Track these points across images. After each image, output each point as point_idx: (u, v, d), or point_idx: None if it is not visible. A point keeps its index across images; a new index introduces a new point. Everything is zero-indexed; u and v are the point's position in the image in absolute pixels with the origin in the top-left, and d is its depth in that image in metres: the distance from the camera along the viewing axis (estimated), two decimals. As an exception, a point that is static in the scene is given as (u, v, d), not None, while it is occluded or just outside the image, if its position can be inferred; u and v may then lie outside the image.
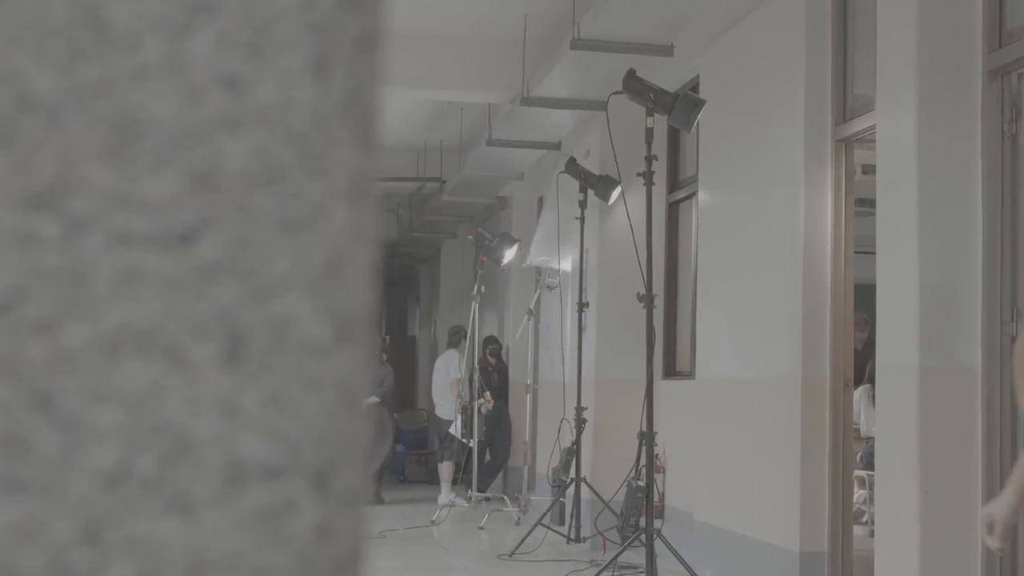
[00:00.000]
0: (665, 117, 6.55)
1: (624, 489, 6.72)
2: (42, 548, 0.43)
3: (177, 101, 0.45)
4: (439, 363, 12.76)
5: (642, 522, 6.23)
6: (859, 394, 8.53)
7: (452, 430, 11.99)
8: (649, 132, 6.47)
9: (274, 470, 0.44)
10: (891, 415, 5.51)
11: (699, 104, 6.55)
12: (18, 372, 0.44)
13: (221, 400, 0.44)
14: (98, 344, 0.44)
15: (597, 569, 6.78)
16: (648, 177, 6.42)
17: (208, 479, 0.44)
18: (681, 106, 6.47)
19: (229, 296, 0.45)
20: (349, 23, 0.46)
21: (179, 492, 0.44)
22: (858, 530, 7.18)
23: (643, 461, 6.41)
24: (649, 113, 6.49)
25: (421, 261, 20.16)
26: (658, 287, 9.13)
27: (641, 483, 6.41)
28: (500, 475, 12.65)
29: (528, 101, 9.15)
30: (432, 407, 13.03)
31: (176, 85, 0.45)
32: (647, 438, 6.41)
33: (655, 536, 6.13)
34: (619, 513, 6.60)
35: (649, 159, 6.43)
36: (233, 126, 0.45)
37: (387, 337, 21.41)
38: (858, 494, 8.38)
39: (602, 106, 7.91)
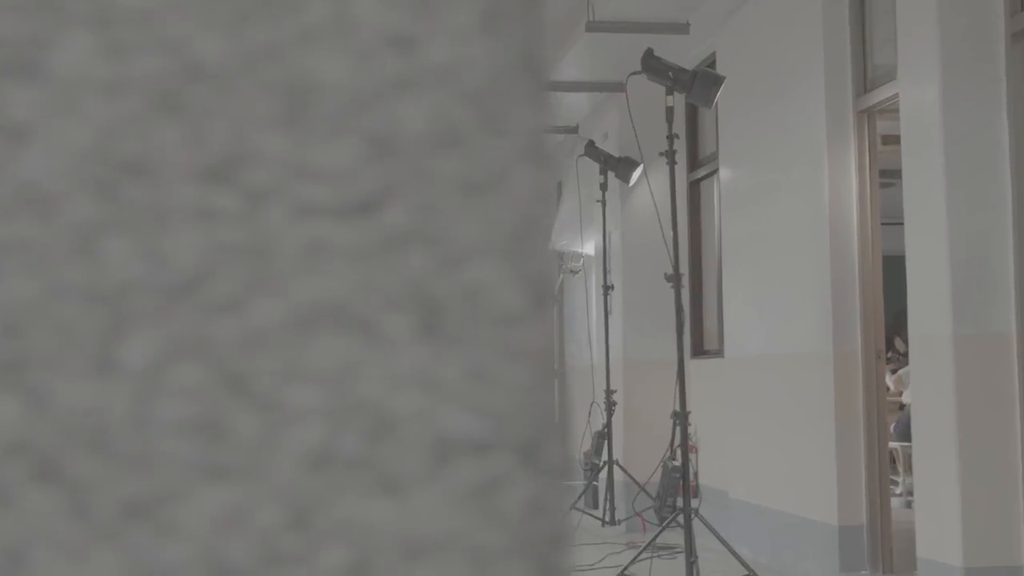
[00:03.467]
0: (684, 95, 6.51)
1: (660, 470, 6.70)
2: (250, 534, 0.41)
3: (348, 63, 0.43)
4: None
5: (679, 502, 6.20)
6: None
7: None
8: (670, 111, 6.42)
9: (481, 444, 0.42)
10: (926, 384, 5.48)
11: (719, 81, 6.50)
12: (209, 353, 0.42)
13: (420, 374, 0.42)
14: (289, 321, 0.42)
15: (634, 551, 6.76)
16: (671, 156, 6.38)
17: (415, 456, 0.42)
18: (700, 83, 6.42)
19: (419, 265, 0.43)
20: (517, -27, 0.44)
21: (386, 471, 0.42)
22: (894, 502, 7.14)
23: (678, 441, 6.38)
24: (669, 92, 6.44)
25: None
26: (683, 266, 9.10)
27: (676, 463, 6.39)
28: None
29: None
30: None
31: (346, 47, 0.43)
32: (681, 418, 6.38)
33: (693, 516, 6.10)
34: (655, 494, 6.57)
35: (671, 138, 6.39)
36: (407, 88, 0.43)
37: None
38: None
39: (619, 87, 7.87)
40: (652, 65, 6.47)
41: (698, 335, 9.34)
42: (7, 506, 0.42)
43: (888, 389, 8.51)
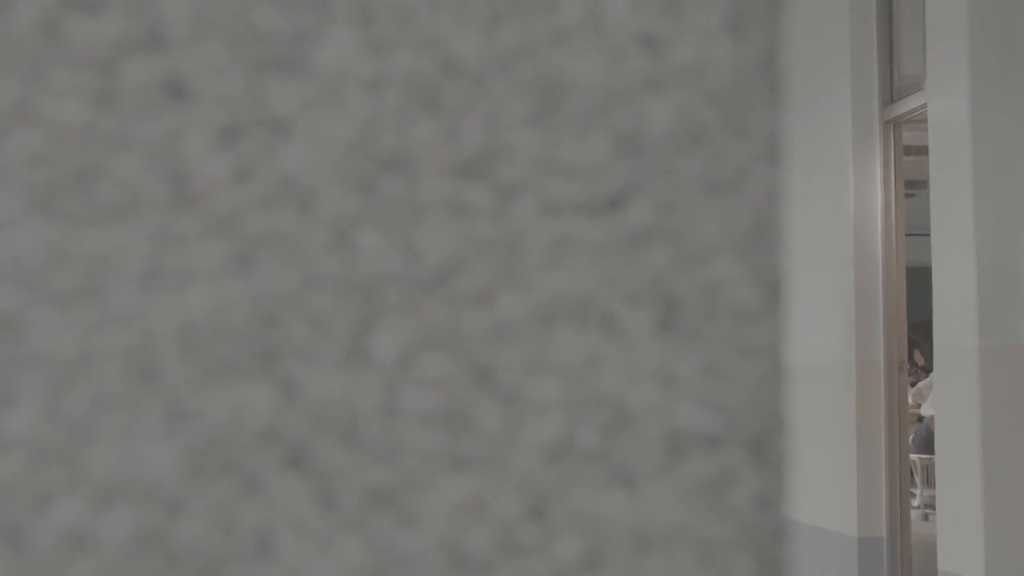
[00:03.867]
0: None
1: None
2: (490, 525, 0.42)
3: (599, 63, 0.44)
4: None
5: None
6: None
7: None
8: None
9: (713, 439, 0.43)
10: (950, 395, 5.47)
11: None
12: (458, 345, 0.42)
13: (657, 369, 0.43)
14: (534, 314, 0.43)
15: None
16: (696, 164, 6.39)
17: (649, 450, 0.43)
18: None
19: (660, 262, 0.43)
20: (762, -21, 0.44)
21: (621, 464, 0.42)
22: (914, 514, 7.14)
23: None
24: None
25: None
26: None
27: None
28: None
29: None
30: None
31: (597, 46, 0.44)
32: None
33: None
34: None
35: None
36: (655, 87, 0.44)
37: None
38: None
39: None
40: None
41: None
42: (257, 492, 0.42)
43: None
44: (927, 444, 8.57)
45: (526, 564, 0.42)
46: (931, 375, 8.24)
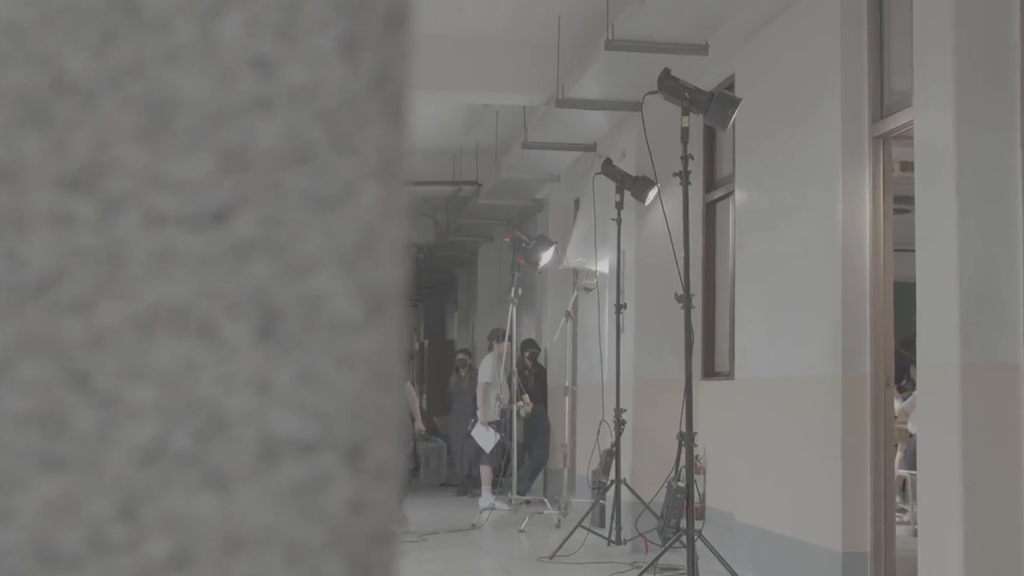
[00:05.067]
0: (701, 116, 6.53)
1: (664, 490, 6.70)
2: (80, 523, 0.44)
3: (209, 82, 0.46)
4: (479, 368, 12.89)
5: (683, 523, 6.20)
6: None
7: (475, 434, 12.09)
8: (685, 132, 6.44)
9: (307, 445, 0.45)
10: (933, 412, 5.46)
11: (735, 102, 6.52)
12: (55, 350, 0.44)
13: (254, 377, 0.45)
14: (133, 322, 0.45)
15: (638, 571, 6.76)
16: (684, 176, 6.40)
17: (242, 455, 0.44)
18: (717, 105, 6.44)
19: (262, 274, 0.45)
20: (377, 3, 0.46)
21: (214, 468, 0.44)
22: (901, 530, 7.12)
23: (683, 462, 6.38)
24: (685, 112, 6.47)
25: (459, 265, 20.21)
26: (696, 287, 9.09)
27: (681, 484, 6.39)
28: (540, 478, 12.66)
29: (563, 103, 9.14)
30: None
31: (208, 67, 0.46)
32: (687, 439, 6.39)
33: (696, 537, 6.10)
34: (660, 515, 6.57)
35: (685, 159, 6.41)
36: (264, 106, 0.46)
37: (426, 341, 21.46)
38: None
39: (637, 107, 7.90)
40: (668, 85, 6.50)
41: (710, 356, 9.33)
42: None
43: (895, 417, 8.47)
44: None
45: (115, 562, 0.44)
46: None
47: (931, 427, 5.48)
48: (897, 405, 8.39)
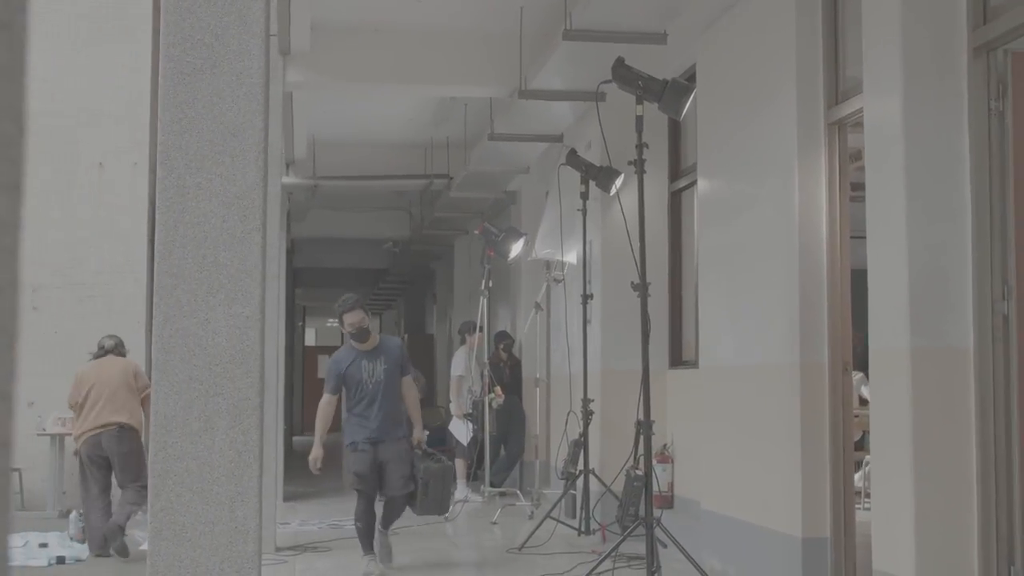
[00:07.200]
0: (655, 105, 6.52)
1: (623, 479, 6.70)
2: None
3: None
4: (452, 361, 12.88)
5: (642, 511, 6.21)
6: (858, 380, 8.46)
7: (452, 428, 12.09)
8: (639, 120, 6.44)
9: None
10: (885, 396, 5.48)
11: (689, 90, 6.52)
12: None
13: None
14: None
15: (598, 560, 6.76)
16: (640, 165, 6.39)
17: None
18: (671, 93, 6.44)
19: None
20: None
21: None
22: (863, 515, 7.13)
23: (641, 450, 6.39)
24: (639, 101, 6.46)
25: (436, 258, 20.19)
26: (661, 276, 9.11)
27: (639, 472, 6.39)
28: (516, 470, 12.66)
29: (526, 94, 9.14)
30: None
31: None
32: (644, 427, 6.40)
33: (655, 525, 6.11)
34: (619, 503, 6.57)
35: (640, 147, 6.40)
36: None
37: (406, 336, 21.41)
38: (857, 475, 8.30)
39: (600, 97, 7.90)
40: (622, 74, 6.49)
41: (677, 345, 9.35)
42: None
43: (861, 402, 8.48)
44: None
45: None
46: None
47: (883, 411, 5.50)
48: (865, 391, 8.40)
